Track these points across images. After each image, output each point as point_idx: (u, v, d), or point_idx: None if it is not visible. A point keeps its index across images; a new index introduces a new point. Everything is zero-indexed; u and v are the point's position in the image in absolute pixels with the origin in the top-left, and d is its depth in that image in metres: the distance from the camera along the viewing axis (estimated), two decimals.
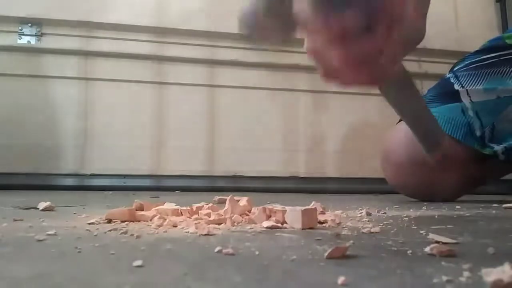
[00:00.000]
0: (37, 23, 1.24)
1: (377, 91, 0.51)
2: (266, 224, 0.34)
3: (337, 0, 0.35)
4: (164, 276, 0.17)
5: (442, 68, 0.92)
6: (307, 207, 0.35)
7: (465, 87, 0.81)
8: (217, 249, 0.22)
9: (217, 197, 0.62)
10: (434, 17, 1.65)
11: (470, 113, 0.79)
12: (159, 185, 1.23)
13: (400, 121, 0.85)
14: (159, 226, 0.32)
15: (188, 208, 0.40)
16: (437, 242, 0.26)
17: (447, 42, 1.44)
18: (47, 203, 0.46)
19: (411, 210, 0.54)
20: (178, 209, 0.39)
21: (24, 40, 1.23)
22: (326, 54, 0.40)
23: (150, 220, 0.35)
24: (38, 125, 1.21)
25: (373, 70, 0.42)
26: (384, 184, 0.85)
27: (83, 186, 1.19)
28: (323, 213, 0.42)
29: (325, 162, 1.33)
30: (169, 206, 0.40)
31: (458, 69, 0.85)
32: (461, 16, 1.53)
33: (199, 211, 0.39)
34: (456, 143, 0.78)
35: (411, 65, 1.45)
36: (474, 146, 0.78)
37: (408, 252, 0.22)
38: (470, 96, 0.80)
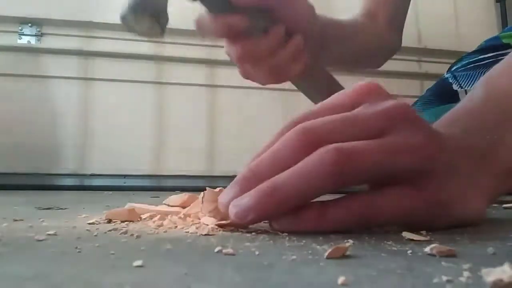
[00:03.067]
0: (37, 23, 1.24)
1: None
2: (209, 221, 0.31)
3: (221, 5, 0.42)
4: (164, 276, 0.17)
5: (442, 68, 0.92)
6: None
7: (463, 87, 0.81)
8: (217, 249, 0.22)
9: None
10: (434, 17, 1.66)
11: None
12: (159, 185, 1.23)
13: None
14: (159, 226, 0.32)
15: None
16: (410, 239, 0.26)
17: (447, 42, 1.44)
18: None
19: None
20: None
21: (24, 40, 1.23)
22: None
23: (151, 219, 0.35)
24: (38, 125, 1.21)
25: (274, 69, 0.48)
26: None
27: (83, 186, 1.19)
28: None
29: None
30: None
31: (456, 69, 0.85)
32: (461, 16, 1.53)
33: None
34: None
35: (411, 65, 1.45)
36: None
37: (408, 252, 0.22)
38: None
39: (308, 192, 0.28)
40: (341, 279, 0.15)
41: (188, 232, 0.29)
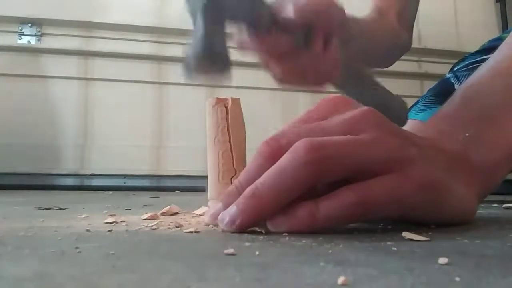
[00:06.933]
0: (37, 23, 1.24)
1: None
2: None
3: (264, 25, 0.41)
4: (164, 276, 0.17)
5: (442, 68, 0.92)
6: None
7: None
8: (217, 249, 0.22)
9: None
10: (434, 17, 1.66)
11: None
12: (159, 185, 1.23)
13: None
14: (159, 226, 0.32)
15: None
16: (410, 239, 0.26)
17: (447, 42, 1.44)
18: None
19: None
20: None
21: (24, 40, 1.23)
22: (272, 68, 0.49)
23: (152, 219, 0.35)
24: (38, 125, 1.21)
25: (316, 77, 0.47)
26: None
27: (83, 186, 1.19)
28: None
29: None
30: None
31: (458, 69, 0.85)
32: (461, 16, 1.53)
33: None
34: None
35: (411, 65, 1.45)
36: None
37: (408, 252, 0.22)
38: None
39: (288, 185, 0.28)
40: (341, 279, 0.15)
41: (188, 232, 0.29)
